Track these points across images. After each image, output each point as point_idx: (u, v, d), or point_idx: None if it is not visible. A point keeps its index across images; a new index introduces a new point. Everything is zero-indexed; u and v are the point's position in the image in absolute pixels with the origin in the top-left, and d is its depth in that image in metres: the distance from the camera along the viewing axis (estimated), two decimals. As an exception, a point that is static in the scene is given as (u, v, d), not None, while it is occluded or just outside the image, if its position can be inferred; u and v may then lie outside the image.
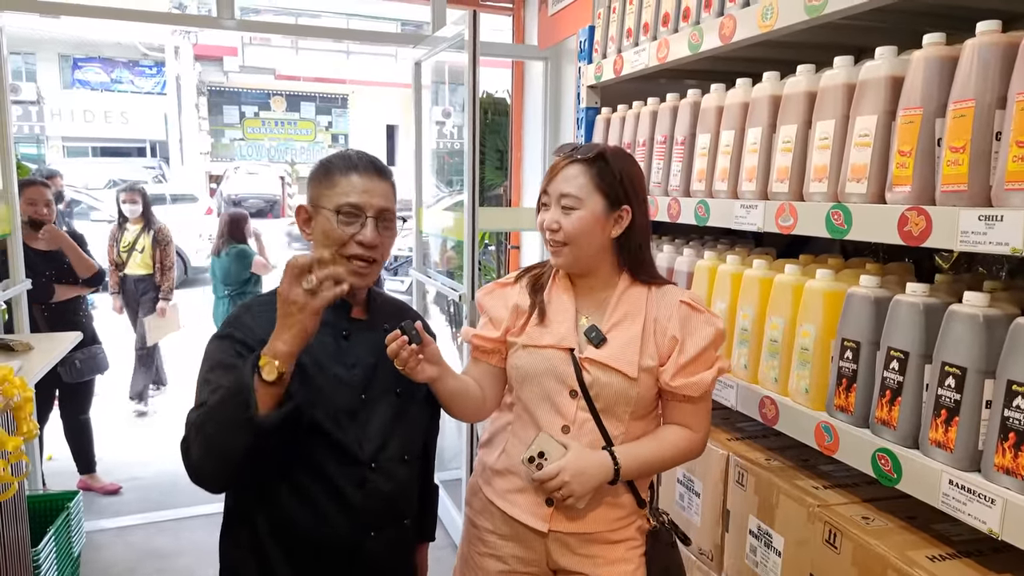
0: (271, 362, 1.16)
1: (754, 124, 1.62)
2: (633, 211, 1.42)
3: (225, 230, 4.91)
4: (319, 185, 1.35)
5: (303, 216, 1.38)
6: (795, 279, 1.53)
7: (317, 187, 1.36)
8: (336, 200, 1.32)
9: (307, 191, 1.39)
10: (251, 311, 1.35)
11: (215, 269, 4.98)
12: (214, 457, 1.20)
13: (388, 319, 1.43)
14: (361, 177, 1.34)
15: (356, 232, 1.32)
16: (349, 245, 1.32)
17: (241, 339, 1.29)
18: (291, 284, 1.17)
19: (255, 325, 1.30)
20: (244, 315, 1.34)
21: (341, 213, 1.31)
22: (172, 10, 15.06)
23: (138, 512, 3.64)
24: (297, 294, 1.17)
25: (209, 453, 1.20)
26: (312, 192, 1.36)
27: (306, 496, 1.31)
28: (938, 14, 1.44)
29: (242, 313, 1.35)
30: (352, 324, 1.40)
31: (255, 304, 1.37)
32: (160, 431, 4.75)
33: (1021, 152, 1.05)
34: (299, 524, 1.32)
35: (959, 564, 1.22)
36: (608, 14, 2.24)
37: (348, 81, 20.80)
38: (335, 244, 1.32)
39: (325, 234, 1.32)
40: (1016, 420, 1.07)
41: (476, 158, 2.68)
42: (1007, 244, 1.06)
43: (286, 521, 1.32)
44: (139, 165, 19.15)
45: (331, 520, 1.32)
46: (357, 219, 1.32)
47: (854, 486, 1.52)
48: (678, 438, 1.45)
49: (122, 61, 20.16)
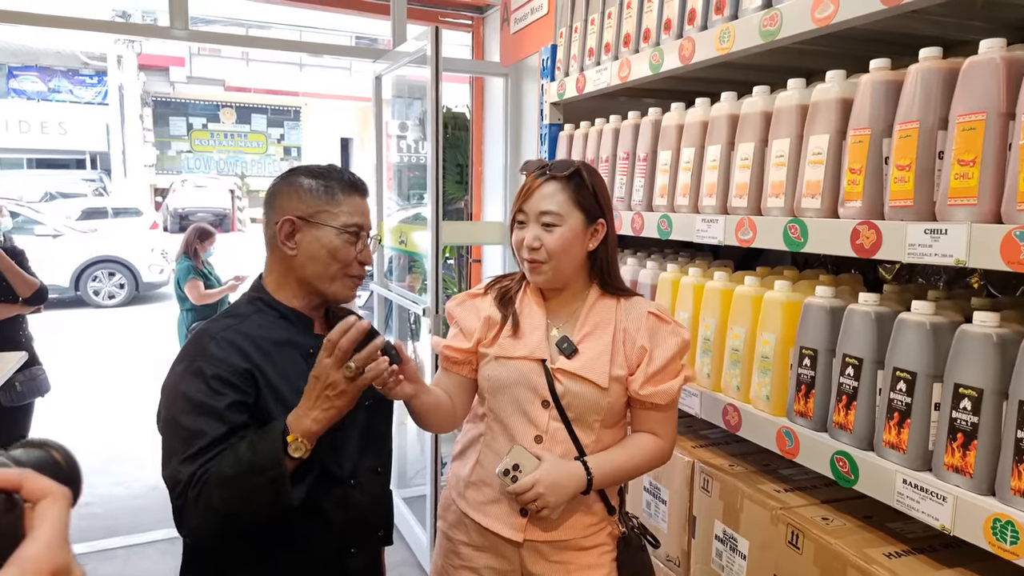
0: (303, 443, 1.16)
1: (713, 142, 1.69)
2: (607, 224, 1.47)
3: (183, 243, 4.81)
4: (317, 200, 1.32)
5: (287, 229, 1.32)
6: (755, 290, 1.59)
7: (314, 202, 1.32)
8: (343, 219, 1.32)
9: (291, 203, 1.32)
10: (215, 339, 1.27)
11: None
12: (227, 522, 1.18)
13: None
14: (362, 197, 1.37)
15: (360, 251, 1.34)
16: (353, 264, 1.34)
17: (215, 374, 1.22)
18: (331, 369, 1.16)
19: (225, 355, 1.25)
20: (209, 345, 1.26)
21: (348, 232, 1.32)
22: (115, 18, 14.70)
23: (84, 540, 3.47)
24: (337, 379, 1.16)
25: (220, 518, 1.18)
26: (304, 206, 1.31)
27: (286, 520, 1.26)
28: (883, 40, 1.53)
29: (206, 343, 1.27)
30: (316, 341, 1.37)
31: (214, 330, 1.30)
32: (103, 456, 4.59)
33: (962, 170, 1.13)
34: (282, 553, 1.29)
35: (914, 560, 1.29)
36: (570, 33, 2.30)
37: (301, 93, 20.59)
38: (342, 263, 1.33)
39: (329, 251, 1.31)
40: (963, 421, 1.15)
41: (440, 172, 2.70)
42: (951, 256, 1.13)
43: (267, 552, 1.29)
44: (78, 177, 18.57)
45: (314, 542, 1.30)
46: (358, 238, 1.34)
47: (813, 488, 1.58)
48: (647, 446, 1.49)
49: (61, 70, 19.56)
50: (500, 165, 3.74)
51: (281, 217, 1.32)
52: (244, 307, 1.36)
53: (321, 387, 1.17)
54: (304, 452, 1.17)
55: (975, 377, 1.13)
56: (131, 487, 4.16)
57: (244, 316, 1.34)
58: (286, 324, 1.34)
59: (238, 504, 1.17)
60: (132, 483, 4.19)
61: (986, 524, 1.09)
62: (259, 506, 1.17)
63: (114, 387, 6.33)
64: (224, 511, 1.16)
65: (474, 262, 4.20)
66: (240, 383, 1.23)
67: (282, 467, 1.15)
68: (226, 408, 1.21)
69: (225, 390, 1.21)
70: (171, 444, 1.22)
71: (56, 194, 16.13)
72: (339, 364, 1.17)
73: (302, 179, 1.34)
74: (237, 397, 1.23)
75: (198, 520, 1.18)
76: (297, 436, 1.16)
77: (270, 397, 1.26)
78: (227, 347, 1.26)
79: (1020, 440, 1.06)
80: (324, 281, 1.34)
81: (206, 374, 1.22)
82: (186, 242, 4.77)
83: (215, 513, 1.16)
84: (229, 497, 1.16)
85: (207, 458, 1.18)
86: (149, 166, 19.90)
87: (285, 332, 1.33)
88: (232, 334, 1.28)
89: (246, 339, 1.29)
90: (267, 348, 1.29)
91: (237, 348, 1.26)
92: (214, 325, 1.32)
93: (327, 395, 1.17)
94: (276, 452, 1.15)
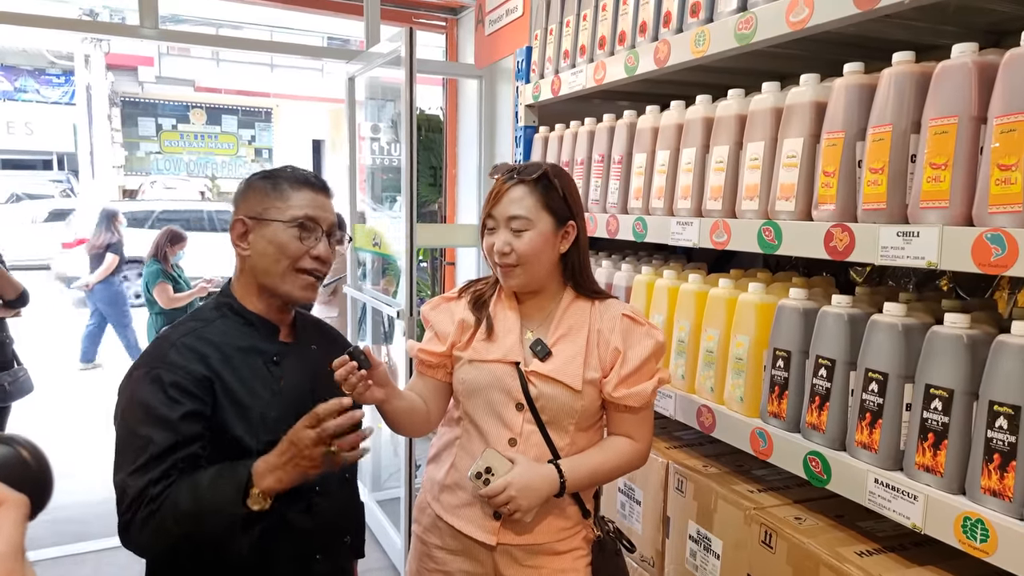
0: (262, 498, 1.17)
1: (688, 144, 1.70)
2: (577, 226, 1.46)
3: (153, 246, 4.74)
4: (265, 198, 1.32)
5: (239, 230, 1.33)
6: (729, 293, 1.60)
7: (262, 200, 1.32)
8: (292, 213, 1.30)
9: (244, 204, 1.33)
10: (175, 345, 1.26)
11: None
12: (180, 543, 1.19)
13: (315, 340, 1.43)
14: (315, 192, 1.34)
15: (312, 246, 1.31)
16: (304, 259, 1.31)
17: (173, 382, 1.21)
18: (310, 443, 1.16)
19: (185, 362, 1.24)
20: (169, 351, 1.25)
21: (299, 227, 1.30)
22: (83, 17, 14.42)
23: (54, 545, 3.43)
24: (316, 453, 1.16)
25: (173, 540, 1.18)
26: (254, 205, 1.32)
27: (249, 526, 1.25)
28: (857, 44, 1.55)
29: (165, 349, 1.26)
30: (280, 347, 1.36)
31: (175, 335, 1.29)
32: (72, 460, 4.50)
33: (934, 173, 1.14)
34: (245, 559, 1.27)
35: (885, 559, 1.30)
36: (545, 36, 2.30)
37: (272, 95, 20.37)
38: (291, 258, 1.30)
39: (278, 247, 1.30)
40: (934, 421, 1.16)
41: (414, 175, 2.68)
42: (923, 258, 1.15)
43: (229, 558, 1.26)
44: (45, 178, 18.19)
45: (277, 548, 1.29)
46: (312, 233, 1.31)
47: (786, 488, 1.59)
48: (622, 448, 1.48)
49: (27, 69, 19.14)
50: (474, 167, 3.73)
51: (234, 218, 1.33)
52: (209, 312, 1.35)
53: (295, 454, 1.17)
54: (262, 507, 1.18)
55: (946, 378, 1.15)
56: (101, 491, 4.07)
57: (208, 321, 1.32)
58: (251, 330, 1.32)
59: (191, 532, 1.17)
60: (102, 487, 4.10)
61: (956, 522, 1.10)
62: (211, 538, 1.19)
63: (83, 388, 6.21)
64: (178, 533, 1.17)
65: (448, 265, 4.18)
66: (198, 391, 1.23)
67: (238, 514, 1.16)
68: (180, 419, 1.20)
69: (182, 399, 1.21)
70: (123, 450, 1.21)
71: (23, 195, 15.79)
72: (319, 442, 1.16)
73: (254, 180, 1.35)
74: (193, 406, 1.22)
75: (147, 540, 1.18)
76: (258, 491, 1.17)
77: (228, 405, 1.26)
78: (187, 353, 1.25)
79: (990, 440, 1.08)
80: (275, 279, 1.31)
81: (164, 381, 1.21)
82: (156, 245, 4.70)
83: (168, 535, 1.17)
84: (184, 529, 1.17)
85: (158, 471, 1.17)
86: (118, 167, 19.51)
87: (249, 338, 1.31)
88: (193, 340, 1.27)
89: (208, 344, 1.27)
90: (229, 353, 1.28)
91: (197, 354, 1.25)
92: (176, 330, 1.31)
93: (298, 462, 1.17)
94: (236, 498, 1.16)
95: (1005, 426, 1.06)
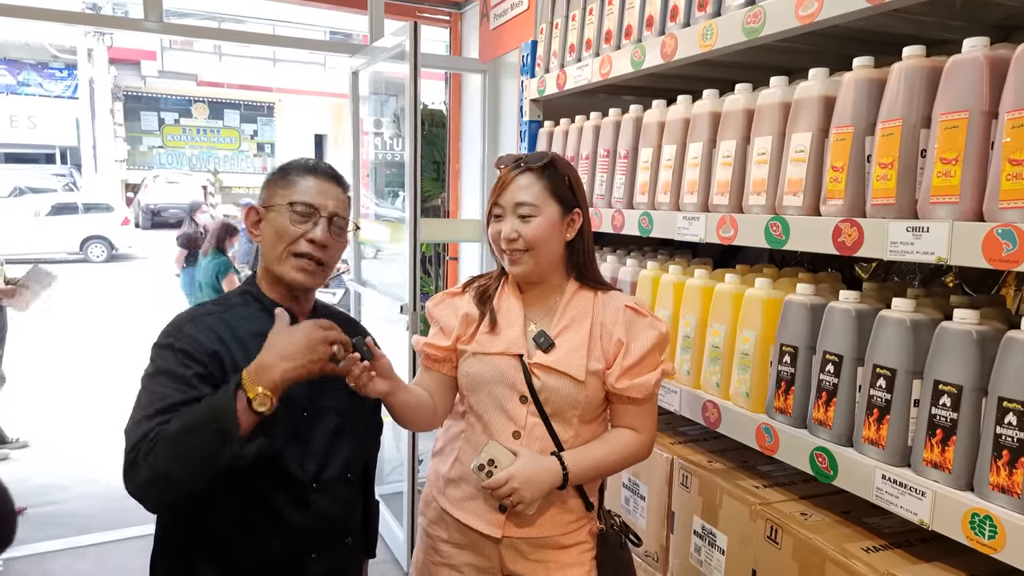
0: (265, 395, 1.15)
1: (695, 139, 1.69)
2: (582, 214, 1.46)
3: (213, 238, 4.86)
4: (274, 186, 1.36)
5: (253, 218, 1.38)
6: (735, 288, 1.59)
7: (272, 188, 1.36)
8: (290, 198, 1.33)
9: (262, 194, 1.39)
10: (195, 320, 1.31)
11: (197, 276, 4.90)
12: (171, 482, 1.15)
13: None
14: (318, 179, 1.36)
15: (308, 230, 1.32)
16: (299, 243, 1.32)
17: (182, 348, 1.25)
18: (323, 343, 1.20)
19: (198, 334, 1.27)
20: (186, 324, 1.30)
21: (294, 211, 1.32)
22: (86, 10, 14.41)
23: (57, 538, 3.43)
24: (324, 351, 1.20)
25: (166, 477, 1.14)
26: (266, 194, 1.37)
27: (244, 519, 1.27)
28: (866, 39, 1.54)
29: (184, 322, 1.30)
30: None
31: (200, 313, 1.33)
32: (76, 452, 4.51)
33: (945, 168, 1.13)
34: (237, 548, 1.28)
35: (891, 555, 1.30)
36: (551, 30, 2.29)
37: (275, 89, 20.37)
38: (287, 241, 1.32)
39: (276, 231, 1.33)
40: (942, 417, 1.15)
41: (418, 169, 2.67)
42: (933, 253, 1.14)
43: (223, 545, 1.28)
44: (48, 172, 18.22)
45: (270, 544, 1.29)
46: (310, 218, 1.33)
47: (792, 484, 1.59)
48: (625, 441, 1.48)
49: (30, 63, 19.15)
50: (477, 162, 3.72)
51: (248, 207, 1.38)
52: (234, 298, 1.40)
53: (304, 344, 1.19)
54: (269, 408, 1.16)
55: (955, 374, 1.14)
56: (104, 484, 4.08)
57: (229, 306, 1.37)
58: (268, 316, 1.32)
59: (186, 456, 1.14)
60: (105, 479, 4.11)
61: (964, 519, 1.10)
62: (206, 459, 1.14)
63: (87, 380, 6.22)
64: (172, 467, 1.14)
65: (451, 260, 4.17)
66: (206, 361, 1.25)
67: (232, 419, 1.13)
68: (193, 376, 1.23)
69: (191, 364, 1.24)
70: (137, 404, 1.23)
71: (25, 189, 15.82)
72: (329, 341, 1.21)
73: (274, 171, 1.40)
74: (202, 371, 1.24)
75: (145, 475, 1.15)
76: (261, 390, 1.15)
77: None
78: (202, 329, 1.28)
79: (999, 436, 1.07)
80: (275, 263, 1.34)
81: (175, 347, 1.25)
82: (217, 238, 4.86)
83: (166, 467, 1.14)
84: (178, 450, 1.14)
85: (165, 418, 1.18)
86: (120, 161, 19.55)
87: (266, 324, 1.31)
88: (212, 320, 1.31)
89: (224, 326, 1.31)
90: (242, 336, 1.30)
91: (212, 331, 1.29)
92: (198, 309, 1.35)
93: (305, 354, 1.19)
94: (225, 403, 1.14)
95: (1014, 422, 1.05)
